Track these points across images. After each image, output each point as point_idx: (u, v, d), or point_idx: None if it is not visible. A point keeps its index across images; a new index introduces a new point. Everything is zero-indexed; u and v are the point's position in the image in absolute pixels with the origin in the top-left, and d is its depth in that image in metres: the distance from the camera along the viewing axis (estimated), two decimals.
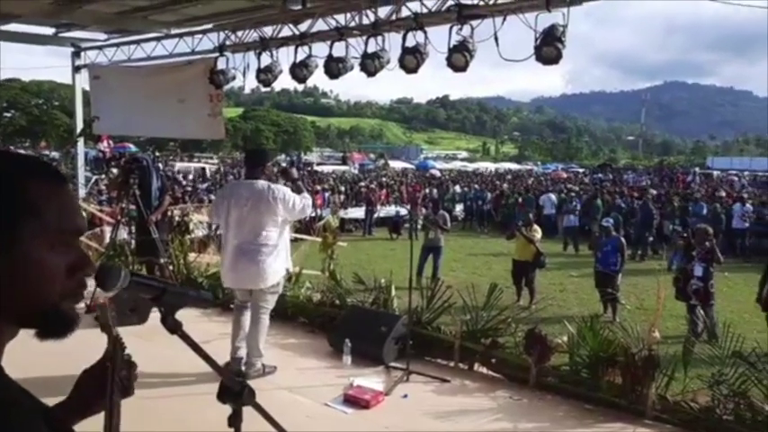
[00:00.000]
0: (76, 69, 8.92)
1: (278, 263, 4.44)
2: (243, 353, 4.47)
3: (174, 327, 1.12)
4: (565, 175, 39.57)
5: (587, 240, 14.52)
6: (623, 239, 9.78)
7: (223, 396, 1.29)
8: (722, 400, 3.78)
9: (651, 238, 15.22)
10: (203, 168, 34.32)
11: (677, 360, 4.26)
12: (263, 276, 4.37)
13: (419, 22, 5.08)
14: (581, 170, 50.40)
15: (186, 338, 1.13)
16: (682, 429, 3.86)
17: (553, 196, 19.72)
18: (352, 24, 5.69)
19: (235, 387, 1.28)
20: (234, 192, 4.49)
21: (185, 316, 1.09)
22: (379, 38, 5.43)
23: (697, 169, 44.23)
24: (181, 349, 1.17)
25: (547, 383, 4.45)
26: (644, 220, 15.38)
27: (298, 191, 4.51)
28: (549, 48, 4.41)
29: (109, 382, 1.03)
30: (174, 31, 7.75)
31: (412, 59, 5.03)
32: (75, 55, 8.88)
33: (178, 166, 34.99)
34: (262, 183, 4.40)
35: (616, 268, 9.05)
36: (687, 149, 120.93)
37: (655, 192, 21.21)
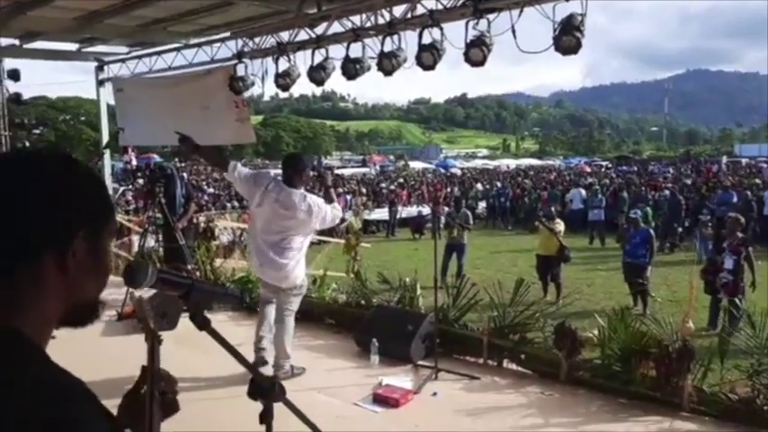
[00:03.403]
0: (100, 83, 9.10)
1: (299, 267, 4.52)
2: (266, 343, 4.53)
3: (203, 323, 1.12)
4: (588, 169, 38.96)
5: (613, 234, 14.29)
6: (652, 231, 9.59)
7: (254, 393, 1.29)
8: (762, 390, 3.67)
9: (680, 229, 14.89)
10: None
11: (712, 351, 4.15)
12: (286, 277, 4.47)
13: (435, 18, 5.06)
14: (604, 163, 49.58)
15: (215, 335, 1.14)
16: (720, 421, 3.76)
17: (582, 191, 19.41)
18: (368, 25, 5.69)
19: (265, 384, 1.28)
20: (273, 189, 4.42)
21: (213, 318, 1.09)
22: (395, 36, 5.42)
23: (724, 158, 43.11)
24: (202, 352, 1.17)
25: (578, 378, 4.37)
26: (672, 210, 15.06)
27: (329, 199, 4.59)
28: (568, 37, 4.34)
29: (148, 365, 1.04)
30: (192, 41, 7.85)
31: (429, 56, 5.00)
32: (99, 69, 9.06)
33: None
34: (299, 194, 4.39)
35: (646, 260, 8.87)
36: (713, 138, 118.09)
37: (683, 181, 20.75)
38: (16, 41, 8.00)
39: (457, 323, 5.17)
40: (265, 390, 1.27)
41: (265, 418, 1.30)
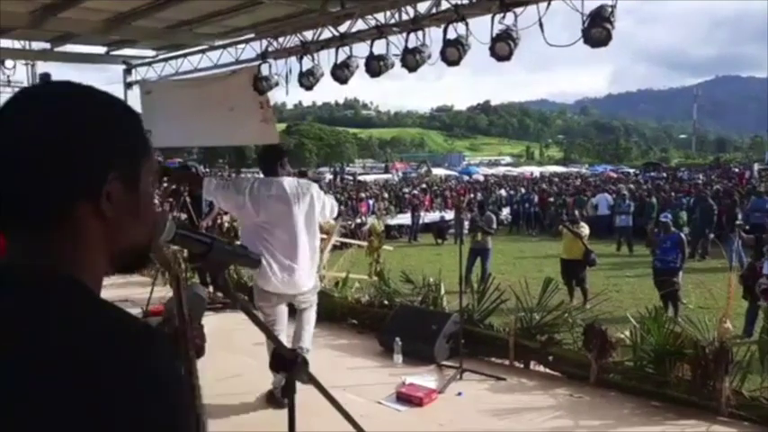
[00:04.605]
0: (128, 86, 9.26)
1: (313, 267, 4.09)
2: (284, 338, 4.22)
3: (224, 286, 1.07)
4: (615, 176, 38.32)
5: (642, 240, 13.95)
6: (683, 235, 9.32)
7: (276, 365, 1.24)
8: None
9: (712, 235, 14.46)
10: None
11: (752, 356, 3.97)
12: (306, 282, 4.02)
13: (460, 13, 4.99)
14: (631, 170, 48.71)
15: (234, 298, 1.08)
16: (761, 426, 3.58)
17: (609, 197, 19.07)
18: (392, 22, 5.66)
19: (288, 356, 1.23)
20: (261, 187, 3.88)
21: (235, 318, 1.05)
22: (420, 33, 5.38)
23: (756, 165, 41.95)
24: (226, 351, 1.13)
25: (609, 380, 4.23)
26: (703, 215, 14.66)
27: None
28: (597, 29, 4.23)
29: (177, 308, 1.00)
30: (218, 43, 7.93)
31: (454, 51, 4.94)
32: (127, 72, 9.22)
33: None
34: (289, 178, 3.97)
35: (676, 265, 8.61)
36: (744, 145, 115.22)
37: (714, 187, 20.24)
38: (48, 45, 8.18)
39: (482, 324, 5.06)
40: (288, 363, 1.21)
41: (288, 391, 1.24)
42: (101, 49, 8.72)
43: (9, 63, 8.76)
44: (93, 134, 0.71)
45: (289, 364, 1.21)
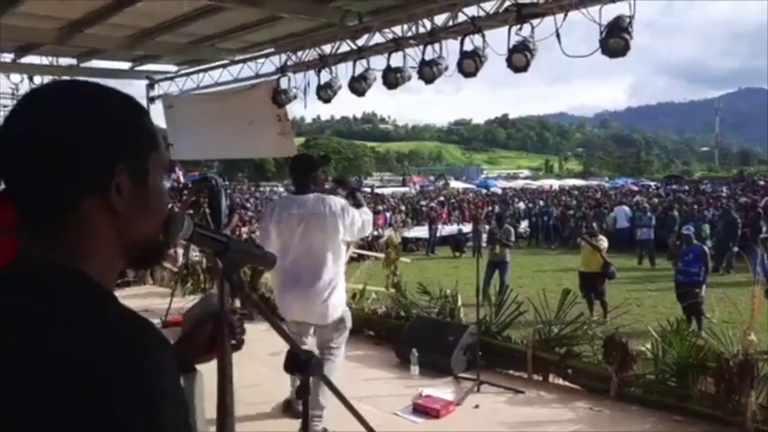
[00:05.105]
0: (151, 100, 9.45)
1: (337, 295, 3.65)
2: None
3: (239, 285, 1.09)
4: (636, 188, 37.83)
5: (664, 254, 13.72)
6: (706, 248, 9.15)
7: (290, 366, 1.24)
8: None
9: (736, 249, 14.17)
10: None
11: None
12: (323, 312, 3.64)
13: (476, 25, 5.02)
14: (652, 183, 48.04)
15: (249, 298, 1.10)
16: None
17: (627, 209, 18.84)
18: (409, 35, 5.71)
19: (302, 357, 1.23)
20: (281, 209, 3.67)
21: (253, 329, 1.06)
22: (436, 45, 5.41)
23: None
24: (242, 363, 1.14)
25: (630, 394, 4.14)
26: (727, 228, 14.38)
27: (357, 204, 3.76)
28: (615, 39, 4.22)
29: (220, 306, 1.02)
30: (238, 57, 8.07)
31: (471, 63, 4.96)
32: (150, 87, 9.42)
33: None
34: (314, 196, 3.62)
35: (699, 279, 8.45)
36: None
37: (737, 200, 19.85)
38: (74, 60, 8.41)
39: (500, 335, 5.01)
40: (302, 363, 1.22)
41: (302, 393, 1.24)
42: (125, 65, 8.93)
43: (16, 77, 8.98)
44: (98, 129, 0.72)
45: (303, 365, 1.22)
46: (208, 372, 1.10)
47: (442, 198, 28.44)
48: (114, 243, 0.75)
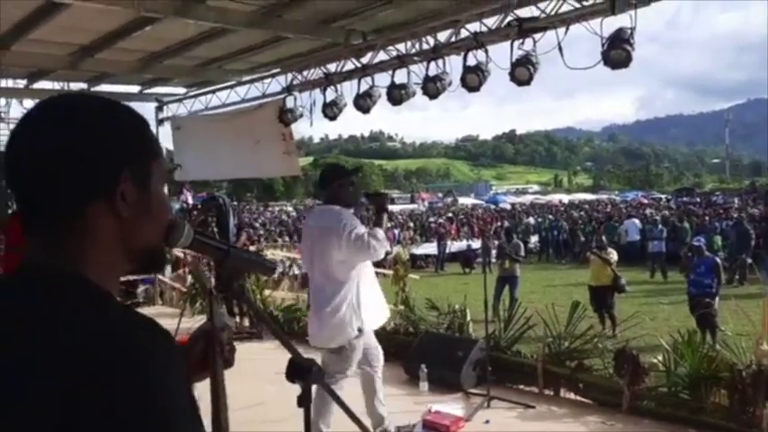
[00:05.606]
0: (160, 122, 9.59)
1: (338, 318, 3.32)
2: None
3: (240, 292, 1.10)
4: (646, 202, 37.57)
5: (676, 267, 13.57)
6: (718, 259, 9.04)
7: (292, 375, 1.25)
8: None
9: (749, 260, 13.99)
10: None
11: None
12: (323, 334, 3.41)
13: (479, 40, 5.08)
14: (663, 196, 47.71)
15: (250, 304, 1.11)
16: None
17: (637, 222, 18.70)
18: (413, 51, 5.78)
19: (304, 365, 1.24)
20: (305, 222, 3.73)
21: (260, 348, 1.06)
22: (440, 61, 5.47)
23: None
24: (242, 378, 1.15)
25: (642, 407, 4.08)
26: (740, 240, 14.21)
27: (376, 224, 3.39)
28: (617, 51, 4.25)
29: (211, 321, 1.03)
30: (245, 78, 8.20)
31: (474, 77, 5.01)
32: (159, 109, 9.57)
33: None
34: (324, 208, 3.48)
35: (712, 290, 8.34)
36: None
37: (749, 212, 19.65)
38: (85, 85, 8.57)
39: (509, 350, 4.97)
40: (303, 371, 1.23)
41: (304, 400, 1.25)
42: (135, 88, 9.10)
43: (28, 103, 9.16)
44: (104, 138, 0.75)
45: (304, 373, 1.23)
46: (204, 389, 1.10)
47: (450, 214, 28.39)
48: (118, 249, 0.77)
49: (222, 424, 1.04)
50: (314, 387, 1.26)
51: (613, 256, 9.35)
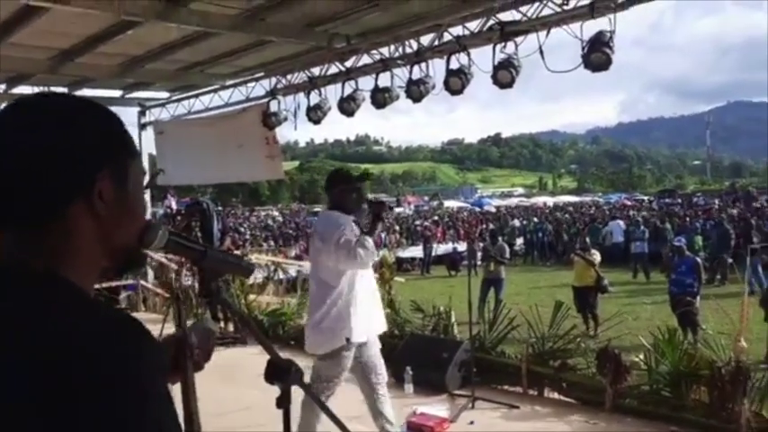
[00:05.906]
0: (142, 127, 9.52)
1: (328, 324, 3.29)
2: None
3: (216, 292, 1.10)
4: (630, 203, 38.02)
5: (658, 267, 13.75)
6: (699, 259, 9.19)
7: (270, 376, 1.25)
8: None
9: (730, 260, 14.22)
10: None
11: None
12: (312, 339, 3.40)
13: (461, 44, 5.12)
14: (646, 198, 48.32)
15: (226, 304, 1.11)
16: None
17: (622, 223, 18.93)
18: (396, 55, 5.81)
19: (282, 365, 1.24)
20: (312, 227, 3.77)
21: (245, 353, 1.07)
22: (423, 65, 5.51)
23: None
24: (229, 383, 1.15)
25: (625, 406, 4.13)
26: (720, 240, 14.45)
27: (368, 232, 3.31)
28: (597, 54, 4.32)
29: (178, 325, 1.03)
30: (228, 82, 8.17)
31: (457, 81, 5.05)
32: (141, 114, 9.50)
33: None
34: (331, 214, 3.44)
35: (693, 290, 8.46)
36: (759, 170, 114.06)
37: (729, 212, 19.98)
38: (65, 90, 8.47)
39: (494, 351, 5.00)
40: (282, 372, 1.22)
41: (283, 402, 1.24)
42: (117, 93, 9.02)
43: None
44: (81, 137, 0.75)
45: (283, 374, 1.23)
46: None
47: (436, 217, 28.48)
48: (97, 248, 0.77)
49: (195, 429, 1.04)
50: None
51: (596, 257, 9.48)
